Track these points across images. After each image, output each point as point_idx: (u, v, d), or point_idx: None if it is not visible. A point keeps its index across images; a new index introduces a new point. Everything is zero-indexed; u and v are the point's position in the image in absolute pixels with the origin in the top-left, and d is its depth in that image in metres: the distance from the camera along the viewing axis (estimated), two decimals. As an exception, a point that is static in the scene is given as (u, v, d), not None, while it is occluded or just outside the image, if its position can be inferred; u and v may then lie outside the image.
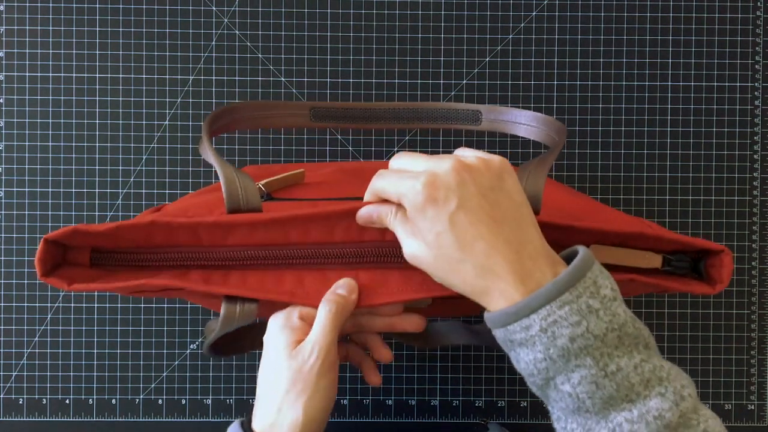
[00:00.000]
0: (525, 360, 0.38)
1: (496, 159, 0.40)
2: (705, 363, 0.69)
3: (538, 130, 0.49)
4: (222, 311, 0.42)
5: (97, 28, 0.68)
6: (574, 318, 0.36)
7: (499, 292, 0.38)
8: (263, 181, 0.48)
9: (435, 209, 0.38)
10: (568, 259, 0.40)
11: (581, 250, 0.39)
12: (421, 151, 0.69)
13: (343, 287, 0.42)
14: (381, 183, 0.40)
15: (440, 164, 0.38)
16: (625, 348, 0.37)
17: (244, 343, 0.53)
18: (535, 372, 0.38)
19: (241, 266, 0.43)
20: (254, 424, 0.43)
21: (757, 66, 0.69)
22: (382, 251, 0.42)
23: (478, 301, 0.39)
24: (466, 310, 0.56)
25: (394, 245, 0.41)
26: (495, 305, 0.38)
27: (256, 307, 0.42)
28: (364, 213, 0.41)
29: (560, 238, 0.42)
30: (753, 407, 0.69)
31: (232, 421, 0.45)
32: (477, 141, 0.69)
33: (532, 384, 0.39)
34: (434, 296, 0.43)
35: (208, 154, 0.45)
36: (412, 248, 0.39)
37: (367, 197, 0.41)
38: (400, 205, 0.40)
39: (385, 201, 0.41)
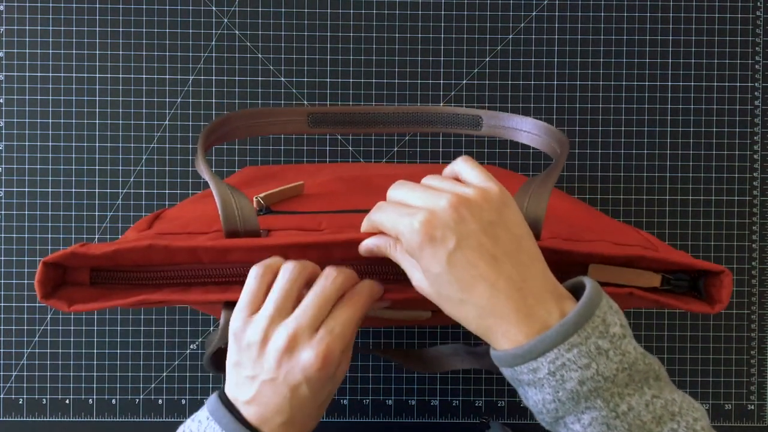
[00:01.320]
0: (533, 399, 0.37)
1: (494, 189, 0.38)
2: (705, 363, 0.69)
3: (540, 139, 0.49)
4: (222, 317, 0.42)
5: (97, 28, 0.68)
6: (583, 360, 0.35)
7: (503, 334, 0.37)
8: (261, 195, 0.47)
9: (433, 249, 0.36)
10: (574, 290, 0.38)
11: (588, 284, 0.37)
12: (421, 152, 0.69)
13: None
14: (379, 217, 0.39)
15: (438, 200, 0.37)
16: (635, 385, 0.36)
17: None
18: (544, 411, 0.37)
19: (242, 282, 0.42)
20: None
21: (757, 66, 0.69)
22: (381, 269, 0.42)
23: (483, 338, 0.38)
24: None
25: (389, 262, 0.41)
26: (500, 346, 0.37)
27: None
28: (364, 247, 0.40)
29: (560, 260, 0.42)
30: (753, 407, 0.69)
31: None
32: (476, 142, 0.69)
33: (541, 420, 0.38)
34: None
35: (203, 171, 0.44)
36: (419, 281, 0.39)
37: (364, 227, 0.41)
38: (398, 238, 0.38)
39: (383, 232, 0.40)
